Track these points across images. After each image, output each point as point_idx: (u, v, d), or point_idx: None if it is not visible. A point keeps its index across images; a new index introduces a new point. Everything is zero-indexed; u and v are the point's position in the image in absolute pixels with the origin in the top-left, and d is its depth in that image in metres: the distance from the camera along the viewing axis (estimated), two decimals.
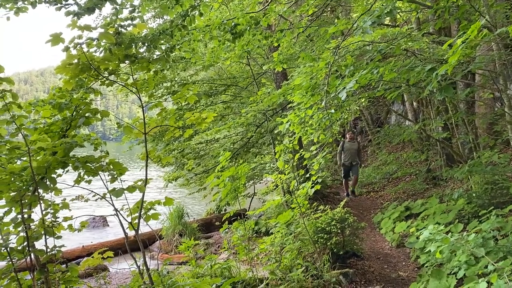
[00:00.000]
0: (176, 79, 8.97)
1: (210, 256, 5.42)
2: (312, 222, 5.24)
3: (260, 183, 10.58)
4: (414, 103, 12.53)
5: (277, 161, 9.10)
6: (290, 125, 4.65)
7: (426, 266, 4.92)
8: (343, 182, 10.64)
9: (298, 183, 4.77)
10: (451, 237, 2.99)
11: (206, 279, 4.16)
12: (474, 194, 5.58)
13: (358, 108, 13.83)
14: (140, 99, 4.31)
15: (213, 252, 7.03)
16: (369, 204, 10.29)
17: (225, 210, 10.04)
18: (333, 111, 4.58)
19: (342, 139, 13.38)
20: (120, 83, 4.08)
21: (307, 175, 4.81)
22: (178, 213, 8.09)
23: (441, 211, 6.82)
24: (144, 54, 4.56)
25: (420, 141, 11.81)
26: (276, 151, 4.76)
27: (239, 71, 11.27)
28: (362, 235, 5.75)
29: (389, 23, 11.72)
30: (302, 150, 5.21)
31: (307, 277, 4.50)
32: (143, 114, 4.34)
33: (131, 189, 3.57)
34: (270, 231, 6.75)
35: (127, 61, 4.29)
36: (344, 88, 3.34)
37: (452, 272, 3.56)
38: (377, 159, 15.13)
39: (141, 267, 3.75)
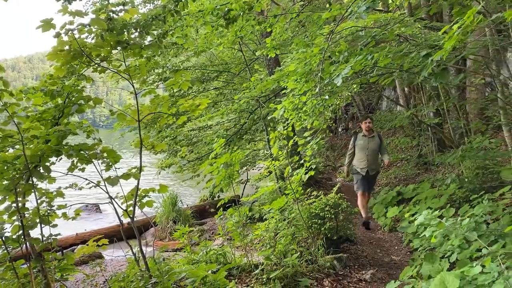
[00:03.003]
0: (167, 65, 8.88)
1: (205, 242, 5.44)
2: (306, 207, 5.27)
3: (253, 169, 10.60)
4: (406, 89, 12.57)
5: (270, 147, 9.12)
6: (284, 111, 4.64)
7: (419, 250, 4.99)
8: (358, 200, 6.98)
9: (292, 169, 4.78)
10: (445, 221, 3.03)
11: (201, 265, 4.19)
12: (466, 180, 5.64)
13: (349, 94, 13.84)
14: (133, 86, 4.27)
15: (207, 239, 7.06)
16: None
17: (219, 196, 10.06)
18: (327, 97, 4.57)
19: (355, 130, 10.74)
20: (113, 69, 4.04)
21: (301, 161, 4.82)
22: (171, 200, 8.10)
23: (432, 196, 6.91)
24: (136, 40, 4.50)
25: (412, 127, 11.87)
26: (270, 137, 4.76)
27: (231, 57, 11.18)
28: (355, 220, 5.80)
29: (381, 9, 11.67)
30: (295, 136, 5.21)
31: (301, 262, 4.54)
32: (136, 101, 4.30)
33: (125, 176, 3.56)
34: (264, 217, 6.79)
35: (119, 47, 4.24)
36: (340, 74, 3.33)
37: (445, 256, 3.62)
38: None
39: (137, 255, 3.76)
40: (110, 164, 3.53)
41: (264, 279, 4.05)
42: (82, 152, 3.39)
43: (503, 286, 2.05)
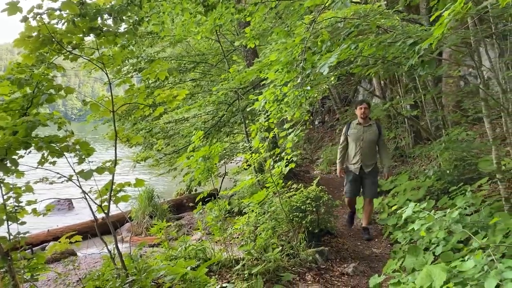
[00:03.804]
0: (142, 55, 8.62)
1: (183, 237, 5.29)
2: (286, 201, 5.19)
3: (231, 162, 10.46)
4: (382, 81, 12.64)
5: (248, 140, 8.99)
6: (265, 103, 4.52)
7: (399, 243, 4.98)
8: (348, 206, 6.09)
9: (273, 162, 4.67)
10: (434, 214, 2.97)
11: (180, 262, 4.04)
12: (448, 171, 5.67)
13: (326, 86, 13.82)
14: (107, 75, 4.08)
15: (185, 233, 6.91)
16: (338, 182, 10.36)
17: (196, 190, 9.89)
18: (309, 88, 4.47)
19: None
20: (85, 57, 3.83)
21: (283, 154, 4.72)
22: (148, 194, 7.89)
23: (411, 188, 6.94)
24: (111, 27, 4.29)
25: (388, 119, 11.94)
26: (251, 129, 4.63)
27: (207, 48, 10.97)
28: (336, 213, 5.75)
29: (359, 1, 11.66)
30: (275, 128, 5.10)
31: (283, 256, 4.46)
32: (111, 91, 4.11)
33: (100, 170, 3.37)
34: (243, 211, 6.68)
35: (92, 34, 4.03)
36: (326, 63, 3.23)
37: (430, 249, 3.59)
38: None
39: (112, 251, 3.58)
40: (83, 157, 3.34)
41: (245, 275, 3.94)
42: (52, 144, 3.18)
43: (497, 281, 2.00)
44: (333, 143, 15.22)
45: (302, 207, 4.92)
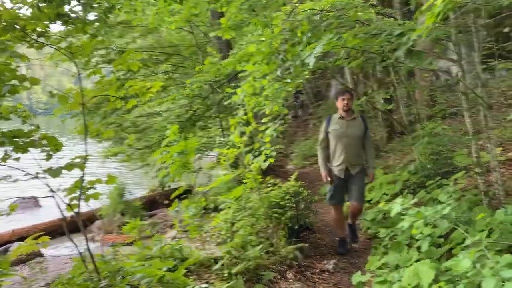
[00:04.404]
0: (112, 46, 8.28)
1: (158, 236, 5.09)
2: (265, 196, 5.06)
3: (206, 157, 10.25)
4: (355, 76, 12.68)
5: (224, 135, 8.80)
6: (245, 96, 4.36)
7: (378, 238, 4.94)
8: (333, 213, 5.03)
9: (253, 157, 4.53)
10: (424, 211, 2.89)
11: (156, 262, 3.84)
12: (428, 166, 5.67)
13: (301, 81, 13.76)
14: (76, 65, 3.84)
15: (159, 231, 6.70)
16: (313, 176, 10.33)
17: (169, 186, 9.64)
18: (289, 80, 4.35)
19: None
20: (52, 46, 3.57)
21: (262, 148, 4.58)
22: (119, 191, 7.61)
23: (387, 182, 6.94)
24: (79, 13, 4.05)
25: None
26: (230, 123, 4.47)
27: (180, 40, 10.70)
28: (314, 208, 5.66)
29: None
30: (253, 122, 4.95)
31: (262, 253, 4.33)
32: (80, 82, 3.85)
33: (69, 167, 3.13)
34: (219, 208, 6.52)
35: (59, 22, 3.79)
36: (311, 53, 3.11)
37: (413, 245, 3.54)
38: (317, 132, 15.29)
39: (83, 253, 3.36)
40: (51, 153, 3.10)
41: (225, 275, 3.79)
42: (16, 139, 2.93)
43: (496, 280, 1.93)
44: (306, 137, 15.23)
45: (281, 203, 4.80)
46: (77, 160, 3.39)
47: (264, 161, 4.68)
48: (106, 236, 6.82)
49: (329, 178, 4.85)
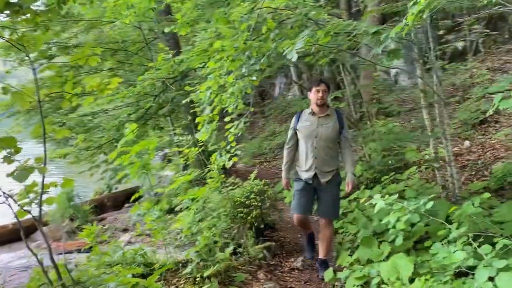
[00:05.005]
0: (53, 41, 7.74)
1: (116, 241, 4.82)
2: (228, 196, 4.96)
3: (155, 157, 9.91)
4: (303, 74, 12.90)
5: (175, 134, 8.52)
6: (211, 93, 4.23)
7: (339, 233, 5.03)
8: (295, 222, 4.32)
9: (220, 155, 4.41)
10: (391, 205, 2.95)
11: (123, 270, 3.62)
12: (390, 162, 5.86)
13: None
14: (29, 58, 3.55)
15: (113, 236, 6.36)
16: (264, 175, 10.36)
17: (116, 188, 9.20)
18: (255, 78, 4.28)
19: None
20: (3, 38, 3.26)
21: (228, 147, 4.47)
22: (67, 195, 7.12)
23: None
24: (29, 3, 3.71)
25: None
26: (197, 121, 4.32)
27: (123, 36, 10.26)
28: (280, 207, 5.65)
29: None
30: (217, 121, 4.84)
31: (231, 255, 4.23)
32: (35, 77, 3.54)
33: (30, 170, 2.85)
34: (176, 209, 6.32)
35: (7, 11, 3.45)
36: (293, 49, 3.06)
37: (386, 240, 3.61)
38: (265, 130, 15.37)
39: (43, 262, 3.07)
40: (9, 155, 2.79)
41: (196, 278, 3.65)
42: None
43: (489, 271, 1.99)
44: (253, 136, 15.27)
45: (246, 202, 4.73)
46: (31, 162, 3.12)
47: (229, 160, 4.59)
48: (55, 243, 6.36)
49: (289, 188, 4.40)
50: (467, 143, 6.41)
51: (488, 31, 9.08)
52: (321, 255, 4.17)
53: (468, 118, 6.89)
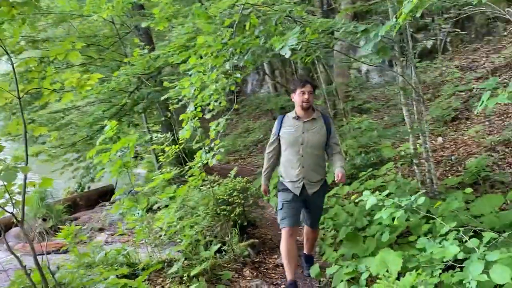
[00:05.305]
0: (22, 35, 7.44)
1: (95, 241, 4.70)
2: (209, 194, 4.92)
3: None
4: (277, 71, 12.93)
5: (149, 131, 8.40)
6: (195, 90, 4.17)
7: (324, 229, 5.08)
8: (282, 243, 3.80)
9: (205, 153, 4.35)
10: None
11: (105, 272, 3.53)
12: (372, 158, 5.95)
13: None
14: (7, 52, 3.41)
15: (89, 236, 6.19)
16: (240, 172, 10.35)
17: (89, 187, 8.96)
18: (239, 75, 4.26)
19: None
20: None
21: (212, 145, 4.43)
22: (40, 194, 6.87)
23: None
24: None
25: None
26: (181, 118, 4.25)
27: (94, 30, 10.01)
28: (262, 204, 5.66)
29: None
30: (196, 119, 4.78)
31: (215, 252, 4.20)
32: (14, 73, 3.40)
33: (13, 169, 2.73)
34: (154, 207, 6.23)
35: None
36: (286, 45, 3.05)
37: (370, 235, 3.67)
38: (238, 127, 15.35)
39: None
40: None
41: (182, 278, 3.61)
42: None
43: (483, 264, 2.06)
44: (226, 133, 15.25)
45: (229, 200, 4.70)
46: (8, 161, 3.00)
47: (212, 157, 4.54)
48: (27, 245, 6.12)
49: (268, 195, 4.11)
50: (440, 139, 6.60)
51: (458, 30, 9.37)
52: (306, 251, 4.17)
53: (440, 115, 7.09)
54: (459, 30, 9.49)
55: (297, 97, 3.67)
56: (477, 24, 10.15)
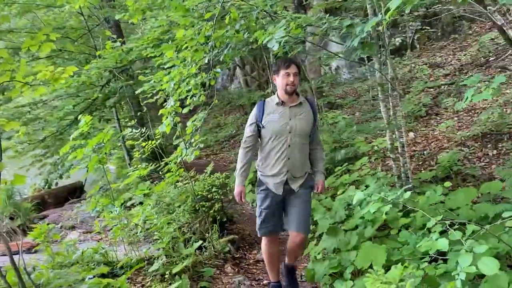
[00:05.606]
0: None
1: (69, 240, 4.56)
2: (188, 189, 4.86)
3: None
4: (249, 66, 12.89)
5: (120, 127, 8.20)
6: (174, 84, 4.08)
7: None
8: (264, 247, 3.52)
9: (185, 148, 4.28)
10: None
11: (82, 271, 3.43)
12: (349, 153, 6.01)
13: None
14: None
15: (60, 234, 5.97)
16: (213, 167, 10.27)
17: (57, 184, 8.65)
18: (219, 70, 4.21)
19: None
20: None
21: (192, 140, 4.36)
22: (7, 192, 6.57)
23: None
24: None
25: (252, 106, 12.27)
26: (161, 113, 4.15)
27: (60, 21, 9.66)
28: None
29: None
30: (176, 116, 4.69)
31: (195, 249, 4.15)
32: None
33: None
34: (128, 204, 6.10)
35: None
36: (273, 38, 3.02)
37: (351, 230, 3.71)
38: (208, 123, 15.21)
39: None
40: None
41: (164, 275, 3.54)
42: None
43: (471, 257, 2.12)
44: (197, 128, 15.07)
45: (208, 196, 4.65)
46: None
47: (192, 153, 4.48)
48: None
49: (243, 200, 3.49)
50: (411, 134, 6.76)
51: (428, 28, 9.61)
52: (288, 260, 3.55)
53: (411, 111, 7.26)
54: (428, 28, 9.73)
55: (281, 80, 3.22)
56: (443, 23, 10.45)
